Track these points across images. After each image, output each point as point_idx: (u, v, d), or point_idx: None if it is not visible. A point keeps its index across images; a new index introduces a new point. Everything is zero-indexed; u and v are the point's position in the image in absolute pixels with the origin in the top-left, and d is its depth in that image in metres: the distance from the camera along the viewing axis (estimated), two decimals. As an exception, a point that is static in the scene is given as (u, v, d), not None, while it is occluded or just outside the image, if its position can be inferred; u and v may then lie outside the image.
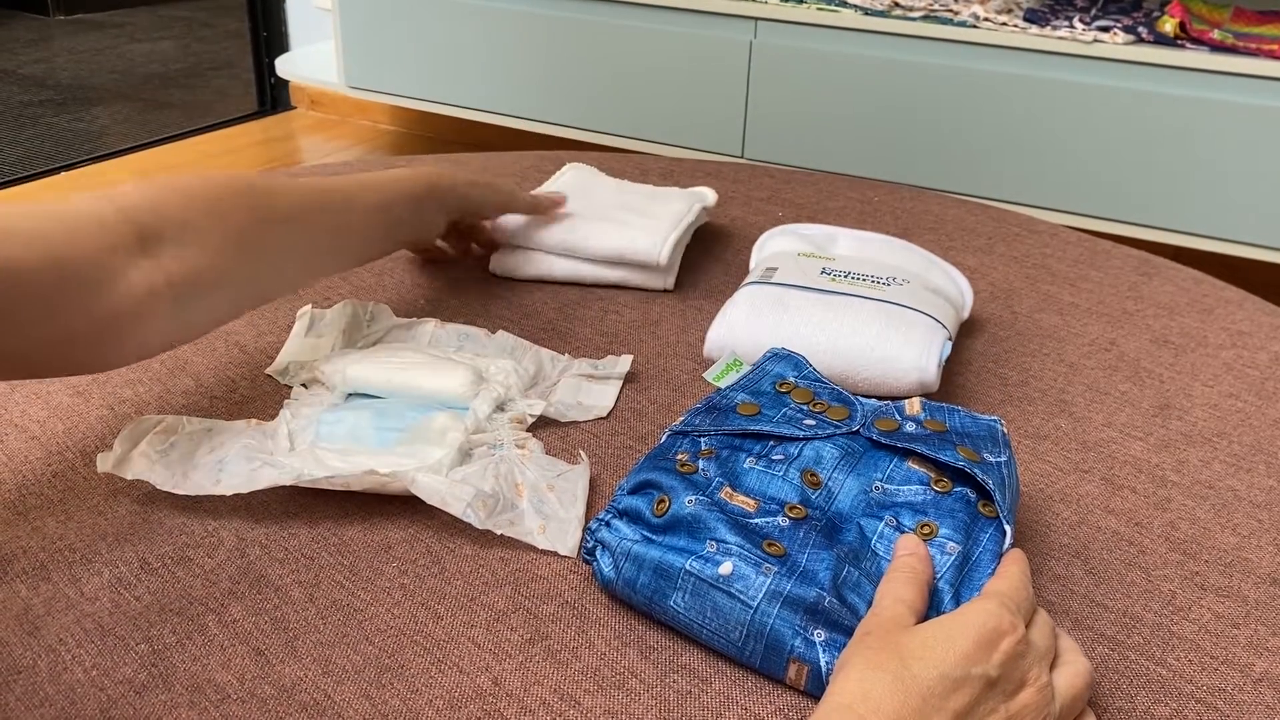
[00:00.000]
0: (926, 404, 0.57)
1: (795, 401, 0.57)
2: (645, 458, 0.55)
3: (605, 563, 0.51)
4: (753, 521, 0.50)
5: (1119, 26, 1.69)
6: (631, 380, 0.72)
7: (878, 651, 0.41)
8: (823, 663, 0.45)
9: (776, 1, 1.86)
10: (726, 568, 0.47)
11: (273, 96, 2.89)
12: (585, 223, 0.85)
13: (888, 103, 1.81)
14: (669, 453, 0.54)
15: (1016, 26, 1.72)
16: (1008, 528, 0.50)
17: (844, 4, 1.84)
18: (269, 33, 2.82)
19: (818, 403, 0.57)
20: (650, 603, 0.49)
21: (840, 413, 0.56)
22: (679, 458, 0.54)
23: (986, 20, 1.74)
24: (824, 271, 0.75)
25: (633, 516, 0.51)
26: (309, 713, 0.45)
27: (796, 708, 0.46)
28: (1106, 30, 1.67)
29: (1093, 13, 1.80)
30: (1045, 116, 1.71)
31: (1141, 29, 1.68)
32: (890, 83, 1.80)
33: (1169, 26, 1.65)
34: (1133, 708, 0.48)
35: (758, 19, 1.87)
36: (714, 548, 0.48)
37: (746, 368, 0.62)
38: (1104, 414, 0.71)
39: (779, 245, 0.82)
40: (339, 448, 0.60)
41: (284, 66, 2.56)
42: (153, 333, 0.56)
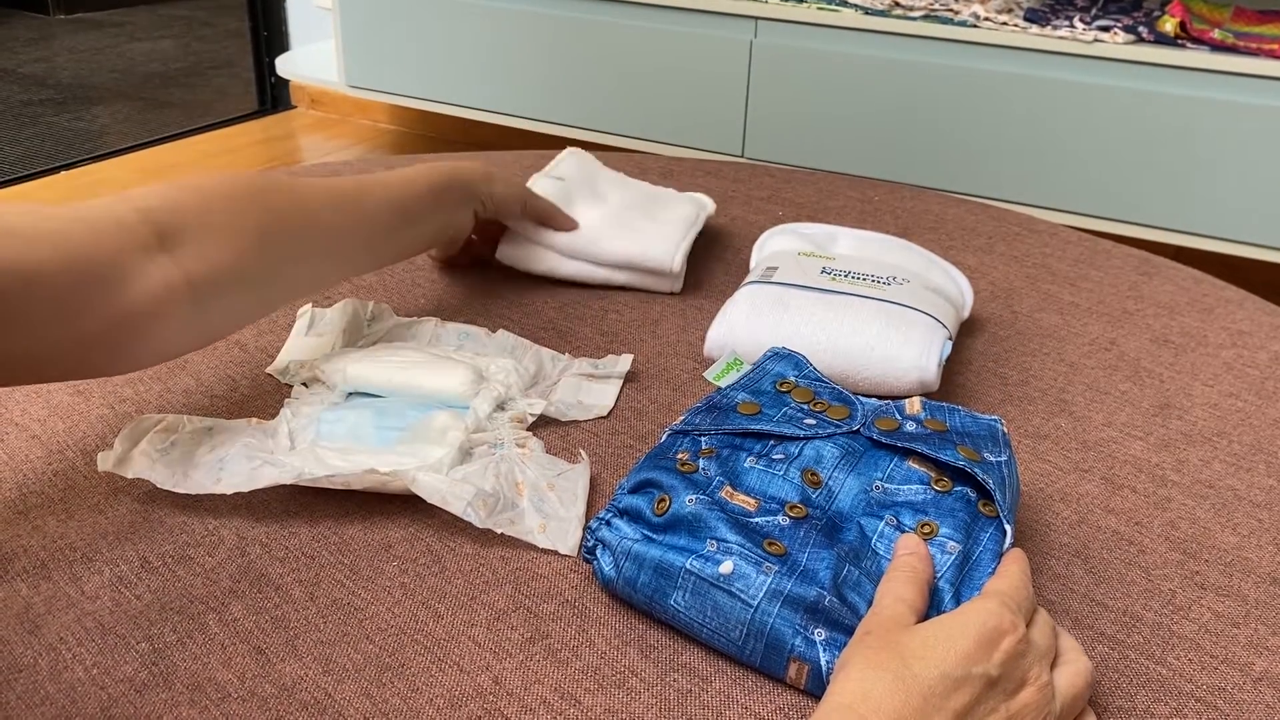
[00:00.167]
0: (927, 403, 0.57)
1: (796, 401, 0.57)
2: (646, 457, 0.55)
3: (606, 562, 0.51)
4: (753, 521, 0.50)
5: (1119, 26, 1.69)
6: (632, 379, 0.72)
7: (878, 651, 0.41)
8: (823, 662, 0.45)
9: (777, 1, 1.86)
10: (727, 567, 0.47)
11: (273, 96, 2.89)
12: (596, 227, 0.85)
13: (888, 102, 1.81)
14: (669, 452, 0.54)
15: (1017, 26, 1.72)
16: (1008, 527, 0.50)
17: (844, 3, 1.83)
18: (269, 32, 2.82)
19: (818, 402, 0.57)
20: (651, 602, 0.49)
21: (841, 412, 0.56)
22: (679, 457, 0.54)
23: (987, 20, 1.74)
24: (824, 271, 0.75)
25: (633, 515, 0.51)
26: (309, 711, 0.45)
27: (797, 707, 0.46)
28: (1107, 30, 1.67)
29: (1093, 12, 1.80)
30: (1046, 116, 1.71)
31: (1142, 28, 1.68)
32: (891, 82, 1.80)
33: (1169, 26, 1.65)
34: (1133, 707, 0.48)
35: (758, 18, 1.87)
36: (714, 547, 0.48)
37: (747, 367, 0.62)
38: (1104, 413, 0.71)
39: (779, 244, 0.82)
40: (339, 447, 0.60)
41: (284, 66, 2.56)
42: (171, 334, 0.56)
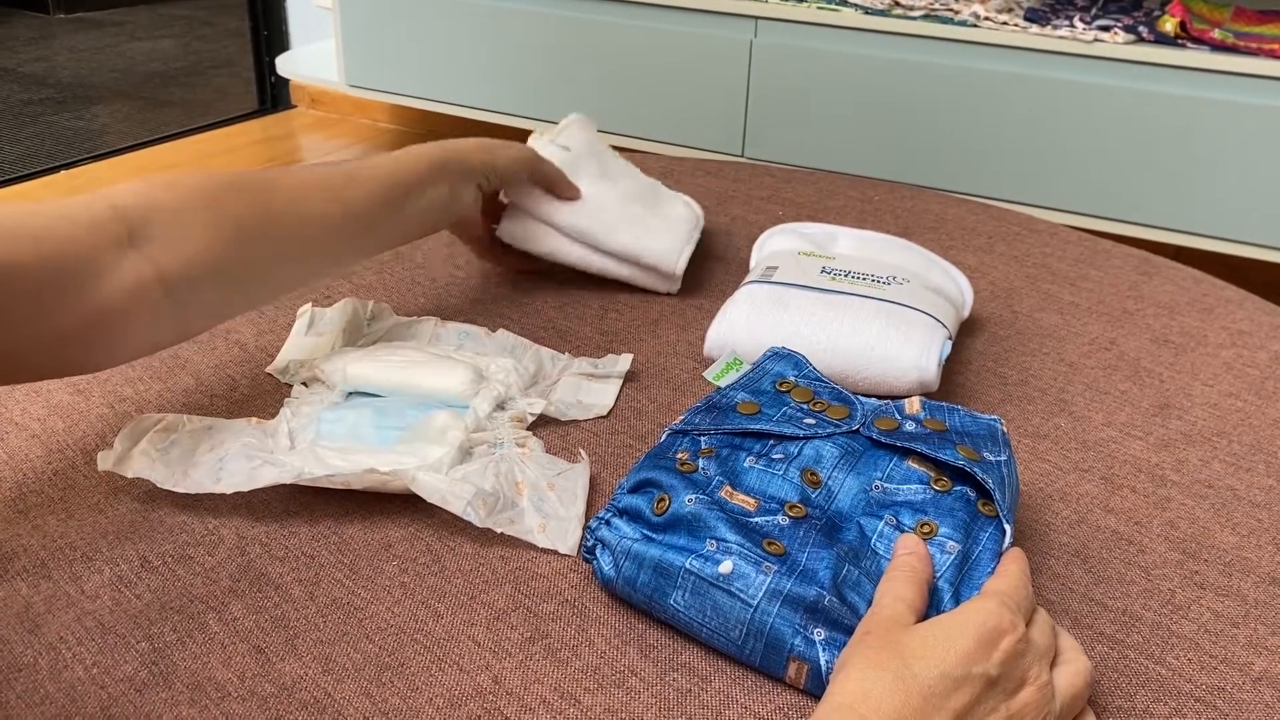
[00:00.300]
0: (926, 403, 0.57)
1: (795, 400, 0.57)
2: (645, 456, 0.55)
3: (605, 561, 0.51)
4: (753, 520, 0.50)
5: (1119, 26, 1.69)
6: (631, 379, 0.72)
7: (878, 651, 0.41)
8: (822, 661, 0.45)
9: (777, 1, 1.86)
10: (726, 566, 0.47)
11: (273, 95, 2.89)
12: (601, 211, 0.83)
13: (888, 102, 1.81)
14: (669, 451, 0.54)
15: (1017, 26, 1.72)
16: (1007, 527, 0.50)
17: (844, 3, 1.83)
18: (269, 31, 2.82)
19: (818, 402, 0.57)
20: (650, 601, 0.49)
21: (840, 412, 0.56)
22: (679, 456, 0.54)
23: (987, 19, 1.74)
24: (824, 270, 0.75)
25: (633, 515, 0.51)
26: (309, 710, 0.45)
27: (796, 706, 0.46)
28: (1107, 29, 1.67)
29: (1093, 12, 1.80)
30: (1046, 116, 1.71)
31: (1142, 28, 1.68)
32: (891, 82, 1.80)
33: (1169, 26, 1.65)
34: (1132, 706, 0.48)
35: (758, 18, 1.87)
36: (714, 546, 0.48)
37: (746, 367, 0.62)
38: (1104, 413, 0.71)
39: (779, 244, 0.82)
40: (339, 446, 0.60)
41: (284, 65, 2.56)
42: (145, 330, 0.56)
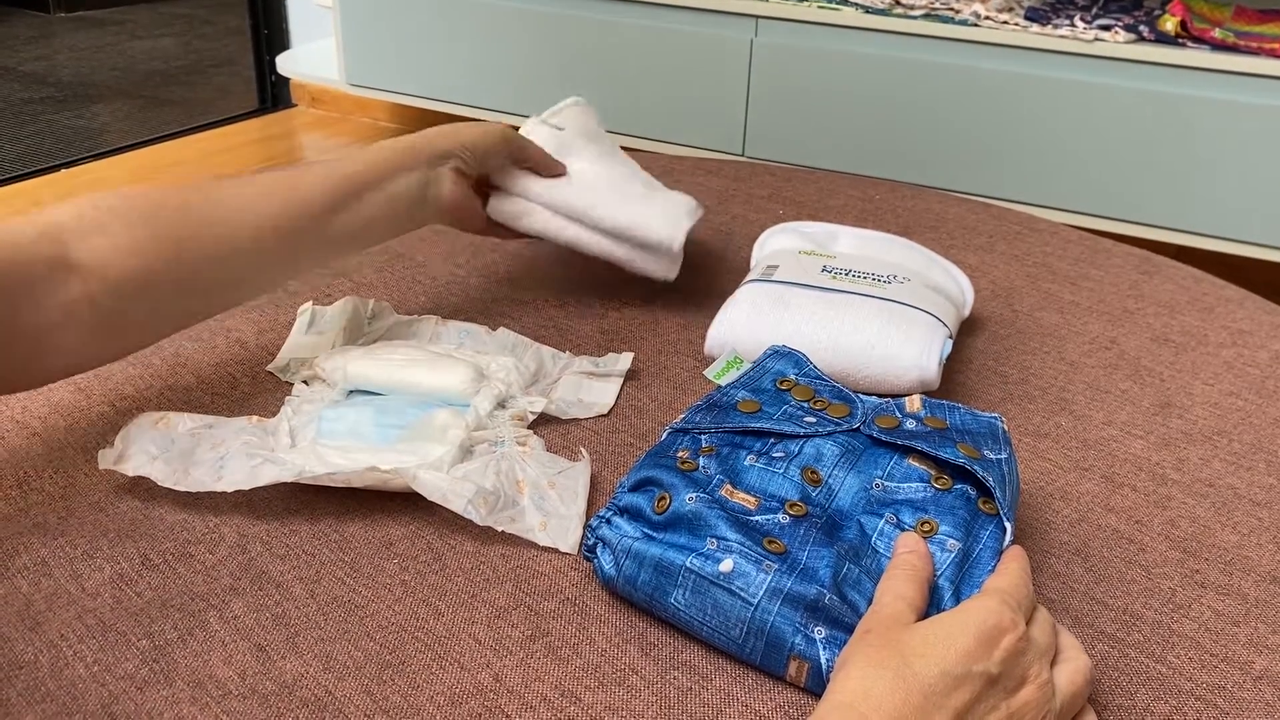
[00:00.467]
0: (927, 401, 0.57)
1: (796, 399, 0.57)
2: (646, 455, 0.55)
3: (606, 560, 0.51)
4: (753, 519, 0.50)
5: (1120, 25, 1.69)
6: (632, 378, 0.72)
7: (878, 649, 0.41)
8: (823, 660, 0.45)
9: (778, 0, 1.86)
10: (727, 565, 0.47)
11: (273, 94, 2.89)
12: (595, 188, 0.78)
13: (889, 101, 1.81)
14: (670, 450, 0.54)
15: (1017, 25, 1.72)
16: (1008, 525, 0.50)
17: (845, 2, 1.83)
18: (270, 30, 2.82)
19: (818, 400, 0.57)
20: (651, 600, 0.49)
21: (841, 410, 0.56)
22: (680, 455, 0.54)
23: (988, 19, 1.74)
24: (825, 269, 0.75)
25: (633, 514, 0.51)
26: (310, 708, 0.45)
27: (797, 705, 0.46)
28: (1107, 29, 1.67)
29: (1094, 11, 1.80)
30: (1046, 115, 1.71)
31: (1143, 27, 1.68)
32: (891, 81, 1.80)
33: (1170, 25, 1.65)
34: (1133, 705, 0.48)
35: (759, 17, 1.87)
36: (714, 545, 0.48)
37: (747, 365, 0.62)
38: (1104, 412, 0.71)
39: (780, 243, 0.82)
40: (340, 444, 0.60)
41: (285, 64, 2.56)
42: (77, 347, 0.56)
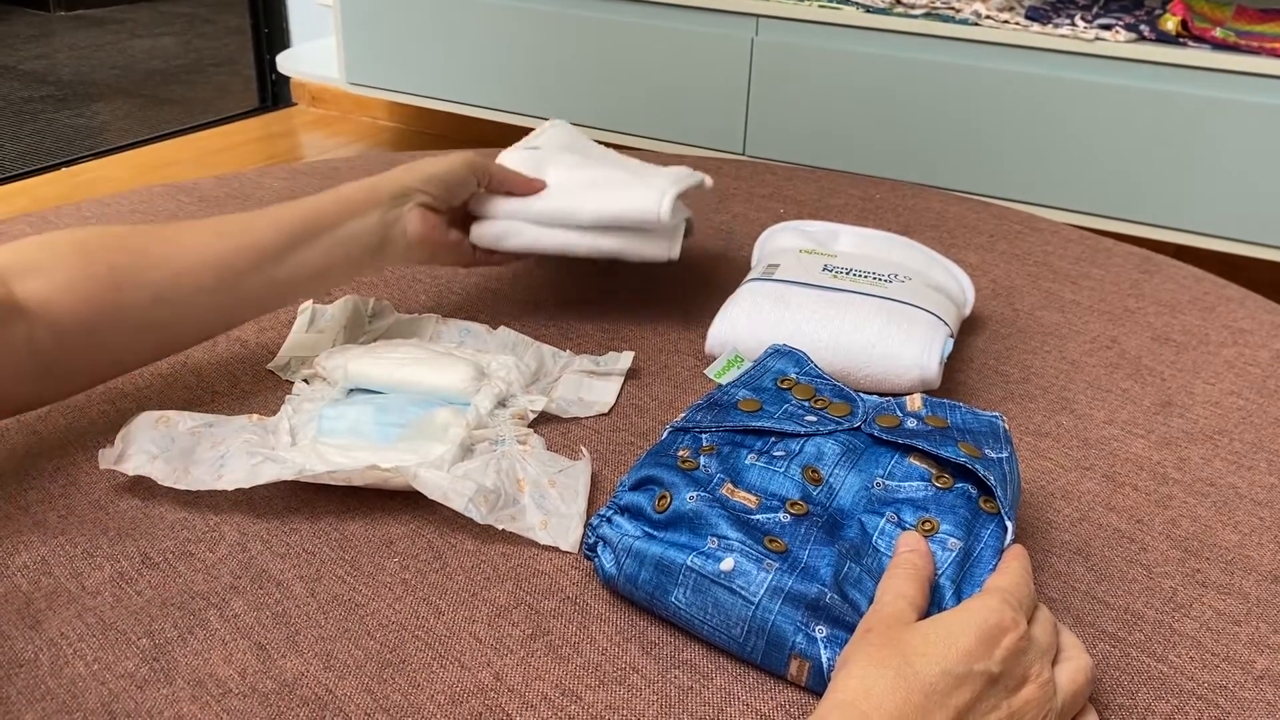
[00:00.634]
0: (928, 400, 0.57)
1: (797, 398, 0.57)
2: (647, 454, 0.55)
3: (606, 558, 0.51)
4: (754, 518, 0.50)
5: (1121, 24, 1.69)
6: (633, 376, 0.72)
7: (880, 648, 0.41)
8: (824, 659, 0.45)
9: (778, -2, 1.86)
10: (728, 564, 0.47)
11: (273, 93, 2.89)
12: (573, 189, 0.76)
13: (889, 100, 1.81)
14: (670, 449, 0.54)
15: (1018, 24, 1.72)
16: (1009, 523, 0.50)
17: (845, 1, 1.83)
18: (270, 29, 2.82)
19: (819, 399, 0.57)
20: (651, 599, 0.49)
21: (842, 409, 0.56)
22: (680, 454, 0.54)
23: (988, 18, 1.74)
24: (826, 268, 0.75)
25: (634, 512, 0.51)
26: (310, 707, 0.45)
27: (798, 704, 0.46)
28: (1108, 28, 1.67)
29: (1094, 10, 1.79)
30: (1047, 114, 1.70)
31: (1143, 27, 1.68)
32: (892, 80, 1.80)
33: (1171, 24, 1.64)
34: (1134, 704, 0.48)
35: (759, 16, 1.87)
36: (715, 544, 0.48)
37: (748, 364, 0.62)
38: (1105, 411, 0.71)
39: (781, 242, 0.82)
40: (340, 443, 0.60)
41: (285, 63, 2.56)
42: (14, 388, 0.56)
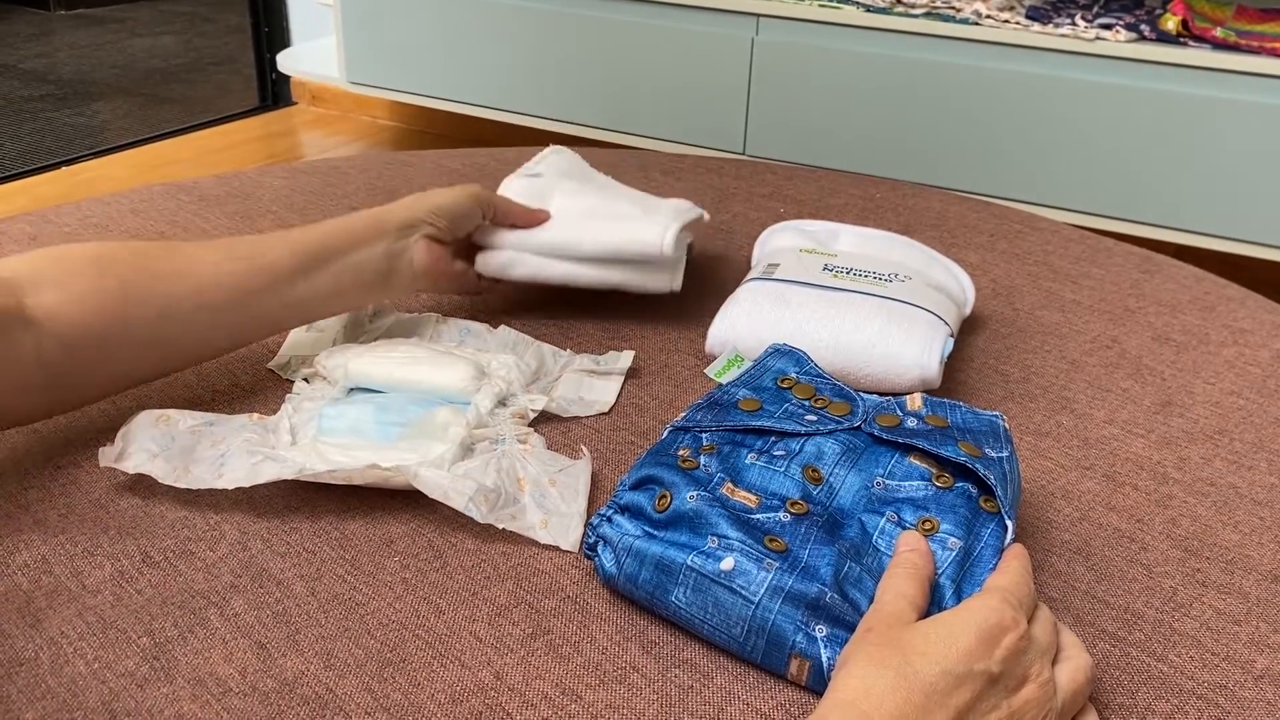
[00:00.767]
0: (928, 399, 0.57)
1: (797, 397, 0.57)
2: (647, 453, 0.55)
3: (607, 558, 0.51)
4: (754, 517, 0.50)
5: (1121, 24, 1.69)
6: (633, 376, 0.72)
7: (880, 648, 0.41)
8: (824, 658, 0.45)
9: (778, -2, 1.86)
10: (728, 563, 0.47)
11: (274, 92, 2.89)
12: (576, 220, 0.78)
13: (890, 100, 1.81)
14: (670, 448, 0.54)
15: (1018, 24, 1.72)
16: (1009, 523, 0.50)
17: (846, 1, 1.83)
18: (270, 28, 2.82)
19: (819, 398, 0.57)
20: (652, 598, 0.49)
21: (842, 408, 0.56)
22: (680, 453, 0.54)
23: (989, 18, 1.74)
24: (826, 268, 0.75)
25: (634, 512, 0.51)
26: (310, 706, 0.45)
27: (798, 703, 0.46)
28: (1109, 28, 1.67)
29: (1095, 10, 1.79)
30: (1047, 114, 1.70)
31: (1144, 26, 1.68)
32: (892, 80, 1.80)
33: (1171, 24, 1.64)
34: (1134, 704, 0.48)
35: (759, 15, 1.87)
36: (715, 543, 0.48)
37: (748, 364, 0.62)
38: (1105, 411, 0.71)
39: (781, 242, 0.82)
40: (341, 442, 0.60)
41: (285, 62, 2.56)
42: (20, 400, 0.56)
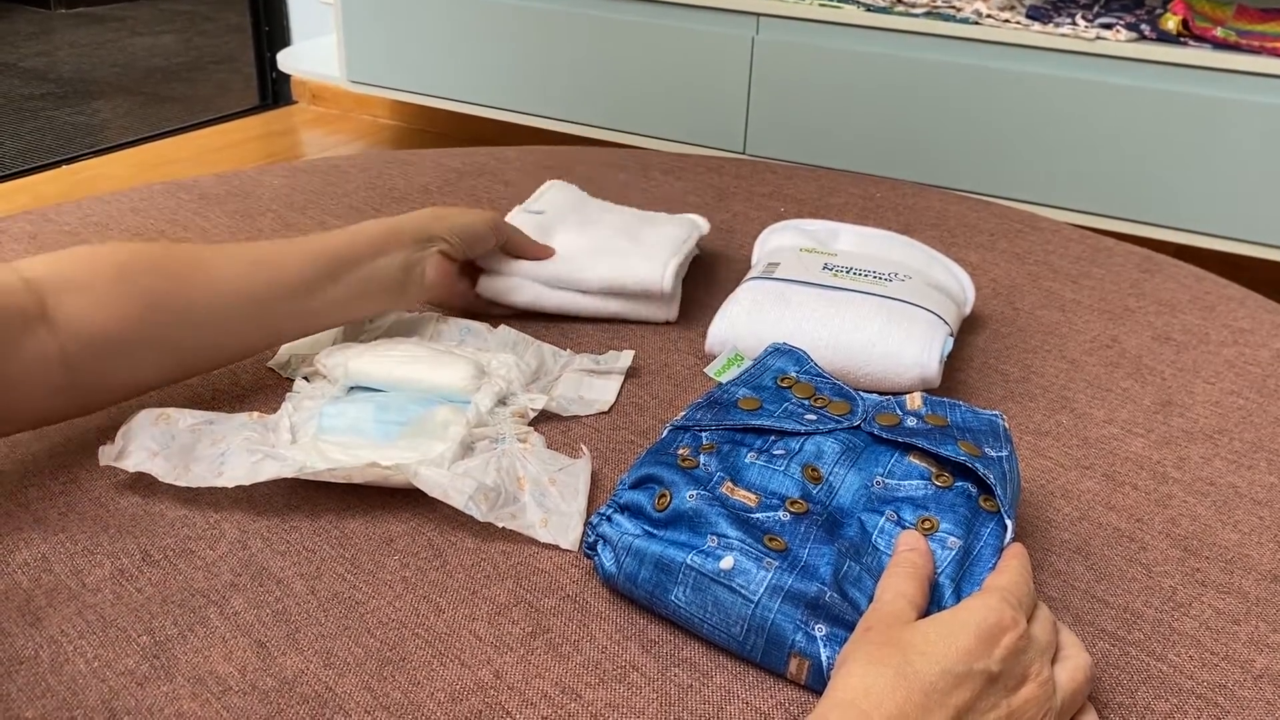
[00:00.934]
0: (928, 399, 0.57)
1: (796, 396, 0.57)
2: (646, 452, 0.55)
3: (606, 557, 0.51)
4: (754, 516, 0.50)
5: (1121, 24, 1.69)
6: (633, 375, 0.72)
7: (879, 647, 0.41)
8: (824, 657, 0.45)
9: (779, -3, 1.86)
10: (728, 562, 0.47)
11: (274, 91, 2.89)
12: (577, 253, 0.79)
13: (890, 99, 1.81)
14: (670, 447, 0.54)
15: (1019, 23, 1.72)
16: (1009, 522, 0.50)
17: (846, 0, 1.83)
18: (270, 27, 2.82)
19: (819, 398, 0.57)
20: (651, 597, 0.49)
21: (841, 408, 0.56)
22: (680, 452, 0.54)
23: (989, 17, 1.74)
24: (826, 267, 0.75)
25: (634, 511, 0.51)
26: (310, 704, 0.45)
27: (798, 702, 0.46)
28: (1109, 27, 1.67)
29: (1095, 9, 1.79)
30: (1047, 113, 1.70)
31: (1144, 26, 1.68)
32: (892, 79, 1.80)
33: (1172, 24, 1.64)
34: (1133, 703, 0.48)
35: (760, 15, 1.87)
36: (715, 542, 0.48)
37: (748, 363, 0.62)
38: (1105, 410, 0.71)
39: (781, 241, 0.82)
40: (341, 440, 0.60)
41: (285, 61, 2.55)
42: (42, 401, 0.56)
